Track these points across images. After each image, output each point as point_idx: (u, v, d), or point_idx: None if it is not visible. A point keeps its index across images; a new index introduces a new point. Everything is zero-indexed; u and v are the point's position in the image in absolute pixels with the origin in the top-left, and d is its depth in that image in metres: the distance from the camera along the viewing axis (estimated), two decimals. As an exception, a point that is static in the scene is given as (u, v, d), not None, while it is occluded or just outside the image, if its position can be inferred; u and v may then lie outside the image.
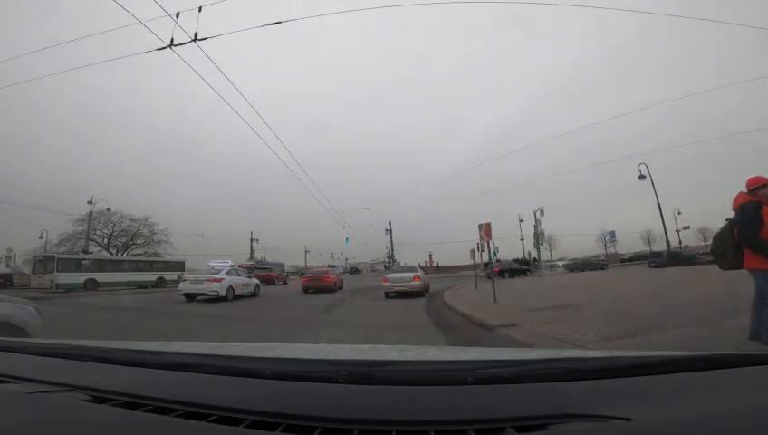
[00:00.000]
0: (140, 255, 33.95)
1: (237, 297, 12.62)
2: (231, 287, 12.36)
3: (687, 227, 44.61)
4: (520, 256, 41.09)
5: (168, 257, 31.90)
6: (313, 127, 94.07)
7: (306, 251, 60.20)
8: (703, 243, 48.17)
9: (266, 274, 27.23)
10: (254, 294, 14.09)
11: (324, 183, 56.33)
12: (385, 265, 50.46)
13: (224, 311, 9.68)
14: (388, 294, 12.17)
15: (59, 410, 0.67)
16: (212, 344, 1.34)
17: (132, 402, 0.67)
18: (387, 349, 1.36)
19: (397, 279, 12.61)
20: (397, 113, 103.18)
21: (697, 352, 0.82)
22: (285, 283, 30.20)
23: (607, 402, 0.60)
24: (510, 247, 48.22)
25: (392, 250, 48.53)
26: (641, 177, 24.33)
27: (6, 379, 0.82)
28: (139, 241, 36.44)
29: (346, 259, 65.64)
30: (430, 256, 55.10)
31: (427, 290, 13.16)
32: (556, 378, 0.71)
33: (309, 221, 69.00)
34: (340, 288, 17.07)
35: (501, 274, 23.09)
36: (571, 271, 32.35)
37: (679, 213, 41.30)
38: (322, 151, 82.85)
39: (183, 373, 0.82)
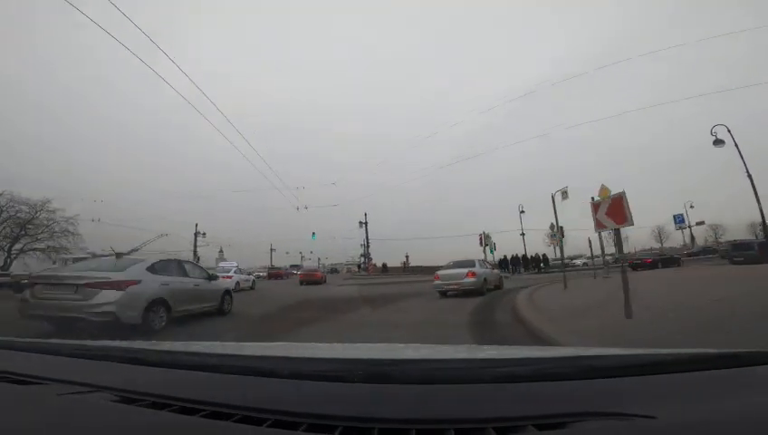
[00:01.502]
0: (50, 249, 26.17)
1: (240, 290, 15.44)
2: (238, 282, 15.70)
3: (702, 222, 42.18)
4: (510, 254, 35.01)
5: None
6: (282, 126, 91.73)
7: (272, 249, 55.04)
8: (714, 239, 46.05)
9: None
10: (251, 287, 18.10)
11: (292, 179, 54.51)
12: (359, 266, 46.27)
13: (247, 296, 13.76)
14: (444, 294, 10.81)
15: (89, 411, 0.69)
16: (232, 344, 1.37)
17: (159, 402, 0.68)
18: (403, 347, 1.40)
19: (447, 276, 11.06)
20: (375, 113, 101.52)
21: (723, 350, 0.81)
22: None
23: (629, 400, 0.59)
24: (502, 244, 39.95)
25: (368, 247, 41.92)
26: (717, 142, 14.34)
27: (38, 380, 0.84)
28: (39, 233, 26.60)
29: (319, 259, 59.98)
30: (407, 257, 46.37)
31: (498, 287, 12.26)
32: (576, 376, 0.71)
33: (274, 219, 68.17)
34: (325, 281, 25.07)
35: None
36: (635, 269, 23.19)
37: (692, 207, 38.31)
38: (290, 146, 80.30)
39: (206, 373, 0.83)
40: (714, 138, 14.62)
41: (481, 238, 30.89)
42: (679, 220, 35.50)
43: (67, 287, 5.01)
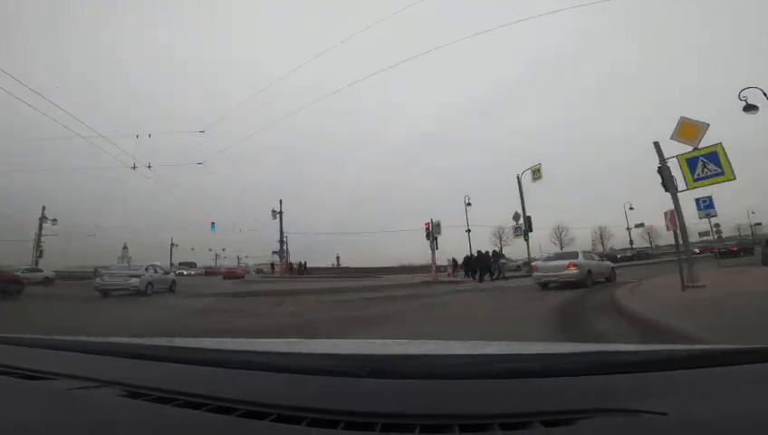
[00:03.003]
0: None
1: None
2: (151, 283, 14.17)
3: (642, 224, 42.72)
4: (456, 253, 27.66)
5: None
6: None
7: (173, 244, 48.85)
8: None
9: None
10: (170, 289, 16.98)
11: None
12: (272, 264, 39.81)
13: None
14: (544, 286, 11.00)
15: (96, 406, 0.70)
16: (238, 340, 1.38)
17: (164, 397, 0.68)
18: (408, 343, 1.38)
19: (546, 268, 11.31)
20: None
21: (739, 346, 0.79)
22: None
23: (639, 397, 0.58)
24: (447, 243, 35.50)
25: (283, 242, 34.79)
26: (749, 108, 10.53)
27: (46, 375, 0.85)
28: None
29: (238, 257, 56.22)
30: (337, 258, 45.25)
31: (609, 279, 11.69)
32: (585, 372, 0.69)
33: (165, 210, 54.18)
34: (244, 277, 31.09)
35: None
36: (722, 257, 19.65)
37: (631, 208, 38.89)
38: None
39: (211, 368, 0.84)
40: (744, 102, 10.46)
41: (428, 229, 23.03)
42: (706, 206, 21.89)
43: (119, 277, 13.36)
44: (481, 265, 19.94)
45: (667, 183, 8.19)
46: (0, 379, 0.85)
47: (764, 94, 10.92)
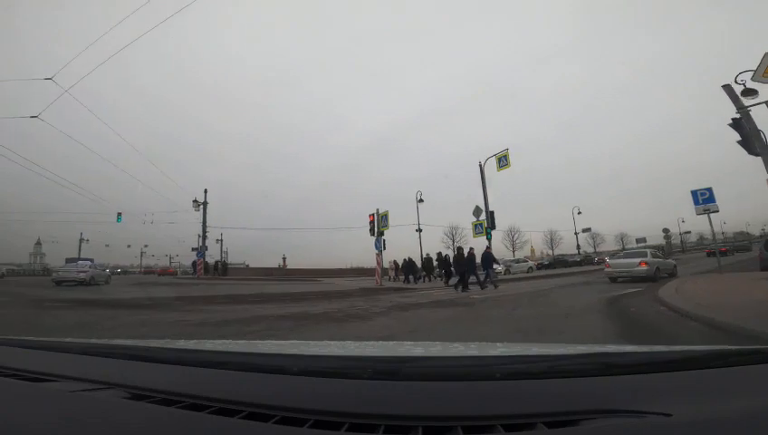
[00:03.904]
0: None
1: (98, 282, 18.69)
2: (93, 277, 18.08)
3: (589, 229, 43.87)
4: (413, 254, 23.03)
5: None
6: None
7: (82, 240, 41.10)
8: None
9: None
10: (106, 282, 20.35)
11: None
12: (203, 264, 29.48)
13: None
14: (613, 280, 12.21)
15: (101, 408, 0.70)
16: (241, 342, 1.43)
17: (168, 399, 0.68)
18: (412, 345, 1.42)
19: (618, 265, 12.65)
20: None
21: (742, 346, 0.79)
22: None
23: (643, 398, 0.57)
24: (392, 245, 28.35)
25: (204, 237, 27.94)
26: (746, 92, 7.25)
27: (50, 377, 0.85)
28: None
29: (168, 256, 50.50)
30: (284, 259, 39.37)
31: (672, 275, 12.82)
32: (588, 373, 0.69)
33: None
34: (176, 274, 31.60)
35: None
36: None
37: (579, 213, 38.94)
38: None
39: (215, 370, 0.84)
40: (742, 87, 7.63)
41: (372, 222, 18.70)
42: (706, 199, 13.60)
43: (71, 272, 17.34)
44: (461, 268, 13.17)
45: (752, 141, 5.02)
46: (6, 381, 0.86)
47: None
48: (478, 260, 13.87)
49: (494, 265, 14.35)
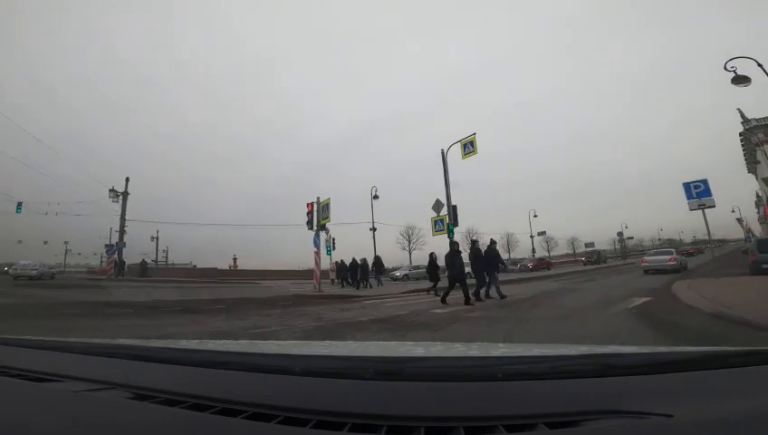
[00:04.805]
0: None
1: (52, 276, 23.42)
2: (42, 273, 22.42)
3: (544, 233, 44.42)
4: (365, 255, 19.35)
5: None
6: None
7: (19, 241, 36.23)
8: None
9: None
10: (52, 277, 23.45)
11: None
12: (114, 263, 24.18)
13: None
14: (647, 272, 16.53)
15: (104, 408, 0.70)
16: (243, 343, 1.44)
17: (171, 399, 0.68)
18: (414, 346, 1.42)
19: (653, 260, 17.26)
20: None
21: (742, 348, 0.80)
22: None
23: (645, 399, 0.57)
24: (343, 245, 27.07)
25: (123, 231, 24.37)
26: (738, 79, 9.57)
27: (54, 378, 0.85)
28: None
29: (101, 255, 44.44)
30: (234, 259, 37.66)
31: (685, 268, 17.01)
32: (590, 374, 0.70)
33: None
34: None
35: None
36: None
37: (535, 216, 39.09)
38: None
39: (218, 371, 0.84)
40: (733, 74, 9.74)
41: (310, 213, 15.51)
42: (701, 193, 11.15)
43: (26, 268, 21.95)
44: (456, 272, 9.08)
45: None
46: (10, 381, 0.86)
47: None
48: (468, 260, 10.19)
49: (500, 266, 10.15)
